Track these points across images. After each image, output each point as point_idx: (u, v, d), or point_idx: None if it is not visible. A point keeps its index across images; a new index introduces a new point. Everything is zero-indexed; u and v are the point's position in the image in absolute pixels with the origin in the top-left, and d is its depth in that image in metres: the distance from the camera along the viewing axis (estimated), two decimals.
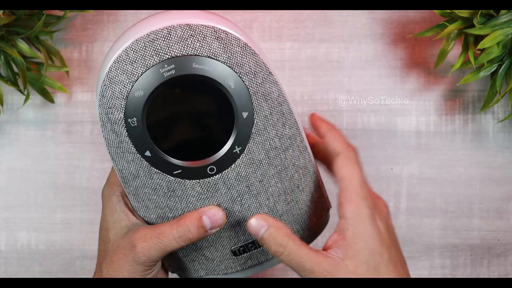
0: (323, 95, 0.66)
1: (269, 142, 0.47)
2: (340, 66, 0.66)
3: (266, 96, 0.46)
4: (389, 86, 0.66)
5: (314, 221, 0.51)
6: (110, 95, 0.45)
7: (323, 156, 0.52)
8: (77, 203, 0.66)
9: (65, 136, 0.66)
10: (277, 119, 0.47)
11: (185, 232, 0.47)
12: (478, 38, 0.59)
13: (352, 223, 0.47)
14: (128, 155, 0.46)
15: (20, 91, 0.62)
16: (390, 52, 0.66)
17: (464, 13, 0.58)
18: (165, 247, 0.47)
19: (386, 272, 0.46)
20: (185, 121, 0.46)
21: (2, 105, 0.63)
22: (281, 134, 0.47)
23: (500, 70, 0.61)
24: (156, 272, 0.49)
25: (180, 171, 0.46)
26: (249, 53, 0.45)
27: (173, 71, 0.44)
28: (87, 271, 0.66)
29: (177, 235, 0.46)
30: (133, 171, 0.47)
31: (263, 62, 0.46)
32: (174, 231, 0.47)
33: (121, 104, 0.45)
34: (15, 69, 0.62)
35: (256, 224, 0.46)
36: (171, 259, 0.51)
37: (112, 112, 0.45)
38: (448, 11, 0.59)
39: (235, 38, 0.45)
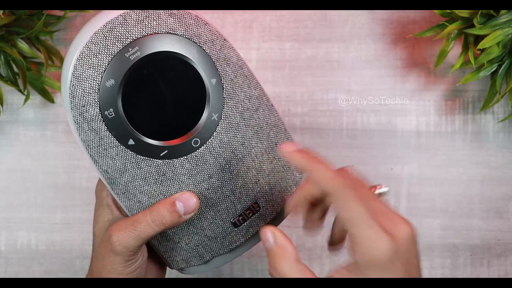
0: (323, 95, 0.66)
1: (241, 104, 0.49)
2: (340, 66, 0.66)
3: (227, 60, 0.48)
4: (389, 86, 0.66)
5: (297, 176, 0.53)
6: (81, 93, 0.45)
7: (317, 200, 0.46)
8: (77, 203, 0.66)
9: (65, 136, 0.66)
10: (242, 82, 0.49)
11: (159, 217, 0.47)
12: (478, 38, 0.59)
13: (370, 269, 0.40)
14: (111, 150, 0.46)
15: (20, 91, 0.62)
16: (390, 52, 0.66)
17: (464, 13, 0.58)
18: (140, 233, 0.47)
19: None
20: (161, 100, 0.47)
21: (2, 105, 0.63)
22: (249, 95, 0.49)
23: (500, 70, 0.61)
24: (139, 265, 0.49)
25: (166, 151, 0.47)
26: (202, 23, 0.47)
27: (139, 53, 0.45)
28: (87, 271, 0.66)
29: (151, 221, 0.47)
30: (119, 166, 0.47)
31: (216, 31, 0.48)
32: (147, 217, 0.47)
33: (95, 99, 0.45)
34: (15, 69, 0.62)
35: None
36: (174, 253, 0.51)
37: (86, 110, 0.45)
38: (448, 11, 0.59)
39: (186, 12, 0.47)
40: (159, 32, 0.45)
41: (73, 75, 0.45)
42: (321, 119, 0.66)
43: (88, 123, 0.45)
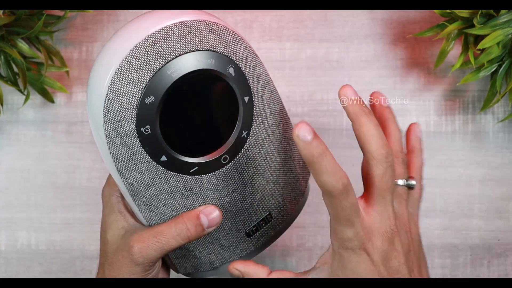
0: (323, 95, 0.66)
1: (267, 121, 0.48)
2: (340, 66, 0.66)
3: (258, 77, 0.47)
4: (389, 86, 0.66)
5: (303, 185, 0.53)
6: (118, 108, 0.43)
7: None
8: (77, 203, 0.66)
9: (65, 136, 0.66)
10: (269, 98, 0.48)
11: (184, 231, 0.47)
12: (478, 38, 0.59)
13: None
14: (142, 165, 0.45)
15: (20, 91, 0.62)
16: (390, 52, 0.66)
17: (464, 13, 0.58)
18: (164, 246, 0.47)
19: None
20: (196, 118, 0.46)
21: (2, 105, 0.63)
22: (273, 111, 0.49)
23: (500, 70, 0.61)
24: (156, 273, 0.49)
25: (196, 168, 0.46)
26: (238, 40, 0.46)
27: (180, 70, 0.44)
28: (87, 271, 0.66)
29: (176, 234, 0.47)
30: (147, 181, 0.46)
31: (249, 47, 0.47)
32: (172, 229, 0.47)
33: (132, 114, 0.43)
34: (15, 69, 0.62)
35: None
36: (185, 260, 0.51)
37: (121, 126, 0.44)
38: (448, 11, 0.59)
39: (225, 27, 0.46)
40: (200, 49, 0.44)
41: (110, 89, 0.43)
42: (321, 119, 0.66)
43: (121, 138, 0.44)
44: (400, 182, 0.50)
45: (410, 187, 0.51)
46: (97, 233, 0.51)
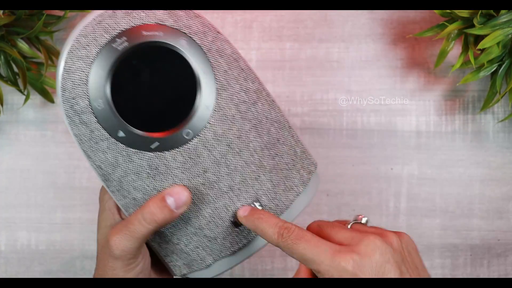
0: (323, 95, 0.66)
1: (236, 96, 0.47)
2: (340, 66, 0.66)
3: (221, 52, 0.47)
4: (389, 86, 0.66)
5: (305, 176, 0.51)
6: (71, 85, 0.45)
7: None
8: (77, 203, 0.66)
9: (65, 136, 0.66)
10: (238, 74, 0.48)
11: (149, 214, 0.46)
12: (478, 38, 0.59)
13: None
14: (103, 143, 0.46)
15: (20, 91, 0.62)
16: (390, 52, 0.66)
17: (464, 13, 0.58)
18: (134, 233, 0.46)
19: None
20: (151, 91, 0.46)
21: (2, 105, 0.63)
22: (245, 88, 0.48)
23: (500, 70, 0.61)
24: (141, 269, 0.48)
25: (157, 143, 0.46)
26: (193, 16, 0.47)
27: (126, 43, 0.45)
28: (87, 271, 0.66)
29: (142, 219, 0.46)
30: (111, 160, 0.46)
31: (209, 23, 0.47)
32: (138, 215, 0.46)
33: (84, 90, 0.45)
34: (15, 69, 0.62)
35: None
36: (175, 257, 0.50)
37: (76, 102, 0.45)
38: (448, 11, 0.59)
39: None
40: (147, 22, 0.45)
41: (64, 68, 0.45)
42: (321, 119, 0.66)
43: (79, 116, 0.45)
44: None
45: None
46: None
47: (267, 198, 0.49)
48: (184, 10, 0.47)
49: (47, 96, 0.64)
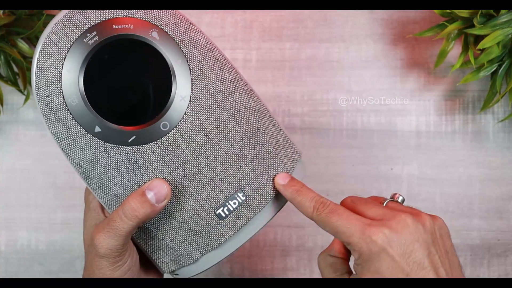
0: (323, 95, 0.66)
1: (212, 86, 0.47)
2: (340, 66, 0.66)
3: (194, 43, 0.47)
4: (389, 86, 0.66)
5: (289, 165, 0.51)
6: (45, 83, 0.45)
7: None
8: (77, 203, 0.66)
9: None
10: (213, 64, 0.48)
11: (130, 211, 0.46)
12: (478, 38, 0.59)
13: (366, 268, 0.45)
14: (80, 140, 0.46)
15: (20, 91, 0.62)
16: (390, 52, 0.66)
17: (464, 13, 0.58)
18: (116, 231, 0.46)
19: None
20: (124, 84, 0.46)
21: (2, 105, 0.63)
22: (221, 78, 0.48)
23: (500, 70, 0.61)
24: (129, 266, 0.48)
25: (134, 137, 0.46)
26: (163, 9, 0.47)
27: (96, 37, 0.45)
28: None
29: (123, 215, 0.46)
30: (89, 157, 0.46)
31: (181, 15, 0.47)
32: (119, 212, 0.46)
33: (57, 87, 0.45)
34: (15, 69, 0.62)
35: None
36: (161, 253, 0.50)
37: (51, 100, 0.45)
38: (448, 11, 0.59)
39: None
40: (117, 16, 0.45)
41: (37, 66, 0.45)
42: (321, 119, 0.66)
43: (54, 113, 0.46)
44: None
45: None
46: None
47: (250, 188, 0.49)
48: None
49: None
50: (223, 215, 0.48)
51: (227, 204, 0.48)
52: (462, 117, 0.66)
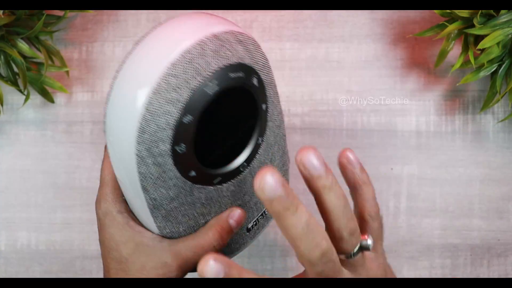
0: (323, 95, 0.66)
1: (273, 122, 0.48)
2: (340, 66, 0.66)
3: (271, 83, 0.47)
4: (389, 86, 0.66)
5: (283, 173, 0.53)
6: (155, 129, 0.41)
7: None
8: (77, 203, 0.66)
9: (65, 136, 0.66)
10: (276, 98, 0.48)
11: (220, 241, 0.47)
12: (478, 38, 0.59)
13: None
14: (170, 181, 0.43)
15: (20, 91, 0.62)
16: (390, 52, 0.66)
17: (464, 13, 0.58)
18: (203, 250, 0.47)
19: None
20: (223, 131, 0.46)
21: (2, 105, 0.63)
22: (278, 111, 0.48)
23: (500, 70, 0.61)
24: None
25: (220, 178, 0.46)
26: (257, 48, 0.45)
27: (217, 87, 0.41)
28: (87, 271, 0.66)
29: (213, 244, 0.47)
30: (171, 195, 0.45)
31: (263, 52, 0.46)
32: (209, 241, 0.47)
33: (169, 135, 0.41)
34: (15, 69, 0.62)
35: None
36: None
37: (157, 146, 0.41)
38: (448, 11, 0.59)
39: (248, 37, 0.44)
40: (232, 63, 0.42)
41: (147, 109, 0.40)
42: (321, 119, 0.66)
43: (154, 157, 0.42)
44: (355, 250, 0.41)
45: (365, 248, 0.42)
46: (97, 233, 0.51)
47: None
48: (252, 42, 0.44)
49: (47, 96, 0.64)
50: (251, 229, 0.52)
51: (256, 220, 0.52)
52: (462, 117, 0.66)
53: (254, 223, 0.52)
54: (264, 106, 0.46)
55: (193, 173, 0.44)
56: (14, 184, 0.66)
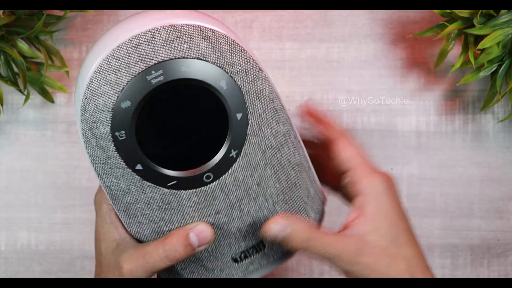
0: (323, 95, 0.66)
1: (265, 142, 0.45)
2: (340, 66, 0.66)
3: (259, 94, 0.44)
4: (389, 86, 0.66)
5: (312, 217, 0.50)
6: (93, 109, 0.41)
7: (313, 144, 0.52)
8: (77, 203, 0.66)
9: (65, 136, 0.66)
10: (271, 117, 0.45)
11: (172, 252, 0.44)
12: (478, 38, 0.59)
13: (371, 198, 0.47)
14: (117, 170, 0.43)
15: (20, 91, 0.62)
16: (390, 52, 0.66)
17: (464, 13, 0.58)
18: (152, 267, 0.45)
19: (405, 241, 0.47)
20: (177, 129, 0.43)
21: (2, 105, 0.63)
22: (275, 132, 0.45)
23: (500, 70, 0.61)
24: None
25: (175, 182, 0.44)
26: (238, 50, 0.43)
27: (162, 77, 0.41)
28: (87, 271, 0.66)
29: (163, 255, 0.44)
30: (123, 187, 0.44)
31: (252, 59, 0.44)
32: (160, 250, 0.44)
33: (107, 117, 0.41)
34: (15, 69, 0.62)
35: (280, 227, 0.45)
36: (167, 273, 0.50)
37: (96, 127, 0.42)
38: (448, 11, 0.59)
39: (222, 35, 0.42)
40: (188, 56, 0.41)
41: (88, 88, 0.41)
42: None
43: (96, 139, 0.42)
44: None
45: None
46: None
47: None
48: (229, 43, 0.42)
49: (47, 96, 0.64)
50: (239, 260, 0.48)
51: (245, 251, 0.48)
52: (462, 117, 0.66)
53: (243, 254, 0.48)
54: (239, 116, 0.43)
55: (139, 167, 0.43)
56: (14, 184, 0.66)
